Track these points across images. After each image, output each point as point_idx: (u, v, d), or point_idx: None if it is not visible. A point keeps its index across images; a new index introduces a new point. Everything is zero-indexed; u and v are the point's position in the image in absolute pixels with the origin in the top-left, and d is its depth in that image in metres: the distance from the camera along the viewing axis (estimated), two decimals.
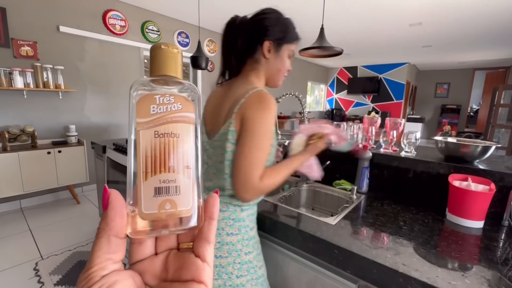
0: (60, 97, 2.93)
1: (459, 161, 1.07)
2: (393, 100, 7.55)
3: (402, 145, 1.20)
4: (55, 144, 2.78)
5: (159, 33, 3.74)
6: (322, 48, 1.68)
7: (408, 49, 5.65)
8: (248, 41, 0.78)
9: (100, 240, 0.18)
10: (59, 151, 2.69)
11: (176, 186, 0.20)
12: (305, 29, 4.40)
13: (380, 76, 7.69)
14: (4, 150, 2.43)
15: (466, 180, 0.95)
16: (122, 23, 3.33)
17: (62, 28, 2.85)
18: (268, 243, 0.96)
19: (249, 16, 0.80)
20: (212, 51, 4.65)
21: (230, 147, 0.72)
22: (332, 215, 0.96)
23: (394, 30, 4.31)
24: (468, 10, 3.32)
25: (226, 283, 0.74)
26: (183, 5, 3.41)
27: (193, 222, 0.20)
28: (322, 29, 1.78)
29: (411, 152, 1.18)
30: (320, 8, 3.29)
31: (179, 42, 4.07)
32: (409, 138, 1.19)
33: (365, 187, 1.18)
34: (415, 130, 1.20)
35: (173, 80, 0.21)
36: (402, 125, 1.23)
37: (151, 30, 3.65)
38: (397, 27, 4.12)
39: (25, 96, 2.68)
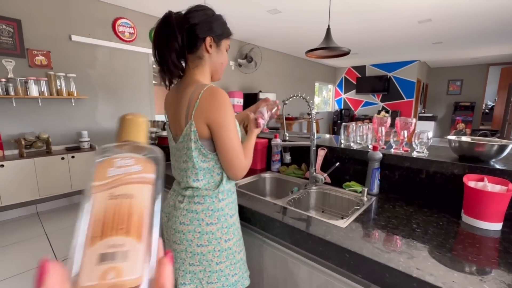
0: (73, 104, 3.02)
1: (474, 161, 1.03)
2: (404, 99, 7.40)
3: (414, 145, 1.17)
4: (69, 149, 2.86)
5: None
6: (329, 48, 1.67)
7: (417, 46, 5.53)
8: (189, 37, 0.77)
9: None
10: (73, 157, 2.77)
11: (124, 251, 0.17)
12: (311, 29, 4.40)
13: (390, 74, 7.56)
14: (21, 156, 2.52)
15: (482, 180, 0.92)
16: (131, 30, 3.41)
17: (74, 37, 2.94)
18: (278, 247, 0.95)
19: (183, 12, 0.79)
20: None
21: (193, 145, 0.78)
22: (342, 218, 0.94)
23: (402, 28, 4.24)
24: (479, 4, 3.22)
25: (206, 269, 0.82)
26: None
27: None
28: (328, 29, 1.76)
29: (423, 152, 1.15)
30: (326, 9, 3.27)
31: None
32: (421, 137, 1.15)
33: (375, 189, 1.16)
34: (427, 130, 1.17)
35: (136, 145, 0.21)
36: (413, 124, 1.20)
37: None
38: (406, 24, 4.04)
39: (40, 104, 2.78)
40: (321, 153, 1.37)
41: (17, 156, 2.54)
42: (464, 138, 1.10)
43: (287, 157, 1.30)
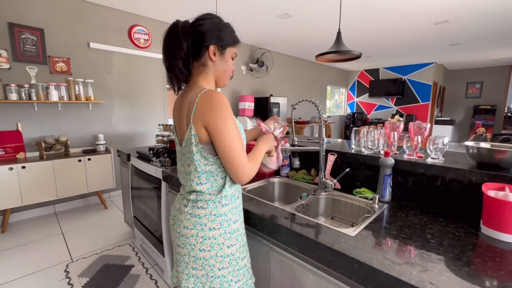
0: (90, 108, 3.13)
1: (494, 169, 0.98)
2: (419, 102, 7.19)
3: (428, 151, 1.13)
4: (86, 152, 2.97)
5: None
6: (339, 52, 1.65)
7: (434, 48, 5.37)
8: (194, 45, 0.80)
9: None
10: (89, 159, 2.86)
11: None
12: (323, 33, 4.37)
13: (404, 77, 7.37)
14: (41, 158, 2.63)
15: (503, 189, 0.87)
16: (146, 37, 3.51)
17: (92, 44, 3.07)
18: (285, 254, 0.94)
19: (190, 21, 0.81)
20: None
21: (195, 149, 0.79)
22: (352, 225, 0.91)
23: (417, 30, 4.13)
24: (499, 3, 3.09)
25: (208, 274, 0.82)
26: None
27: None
28: (339, 33, 1.74)
29: (438, 158, 1.10)
30: (337, 12, 3.24)
31: None
32: (436, 143, 1.11)
33: (387, 196, 1.12)
34: (443, 135, 1.12)
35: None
36: (427, 129, 1.16)
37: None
38: (421, 26, 3.94)
39: (60, 108, 2.90)
40: (331, 158, 1.34)
41: (38, 158, 2.66)
42: (483, 144, 1.05)
43: (296, 162, 1.29)
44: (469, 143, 1.05)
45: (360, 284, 0.71)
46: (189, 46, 0.79)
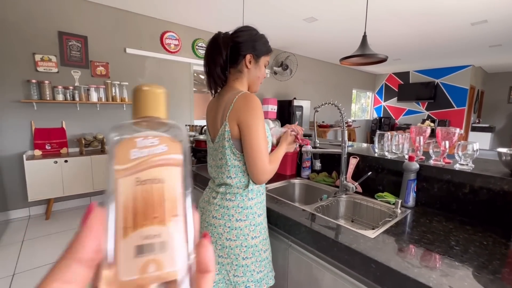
0: (124, 109, 3.38)
1: None
2: (453, 107, 6.74)
3: (457, 157, 1.09)
4: None
5: None
6: (364, 55, 1.63)
7: (471, 50, 5.03)
8: (232, 54, 0.89)
9: (57, 265, 0.15)
10: None
11: (161, 242, 0.16)
12: (349, 36, 4.30)
13: (437, 81, 6.97)
14: (81, 154, 2.89)
15: None
16: (176, 42, 3.71)
17: (128, 50, 3.31)
18: (303, 252, 0.96)
19: (230, 33, 0.91)
20: None
21: (227, 144, 0.86)
22: (373, 229, 0.92)
23: (452, 31, 3.91)
24: None
25: (233, 262, 0.88)
26: (228, 23, 3.66)
27: (186, 285, 0.16)
28: (364, 36, 1.73)
29: (467, 164, 1.06)
30: (362, 15, 3.19)
31: None
32: (466, 149, 1.07)
33: (411, 201, 1.10)
34: (474, 141, 1.08)
35: (157, 121, 0.19)
36: (456, 134, 1.12)
37: (201, 46, 3.98)
38: (456, 27, 3.73)
39: (98, 109, 3.17)
40: (353, 161, 1.34)
41: (78, 153, 2.92)
42: None
43: (317, 164, 1.31)
44: (502, 149, 1.00)
45: (378, 284, 0.72)
46: (227, 55, 0.88)
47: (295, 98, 5.03)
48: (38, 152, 2.75)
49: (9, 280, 1.78)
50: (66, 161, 2.73)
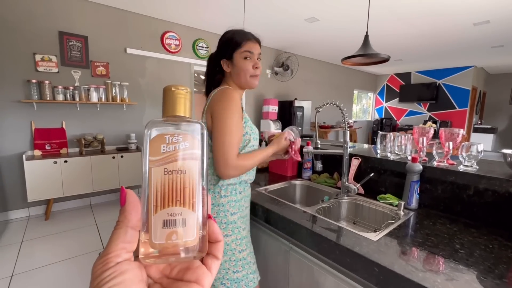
0: (124, 109, 3.37)
1: None
2: (455, 108, 6.71)
3: (461, 158, 1.07)
4: (119, 150, 3.19)
5: (208, 49, 4.05)
6: (366, 55, 1.62)
7: (473, 51, 5.01)
8: (215, 65, 0.98)
9: (118, 231, 0.21)
10: (122, 156, 3.07)
11: (182, 219, 0.22)
12: (350, 37, 4.29)
13: (439, 81, 6.94)
14: (81, 154, 2.88)
15: None
16: (177, 42, 3.71)
17: (129, 50, 3.31)
18: (304, 255, 0.94)
19: None
20: None
21: None
22: (375, 231, 0.90)
23: (454, 32, 3.89)
24: None
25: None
26: (229, 23, 3.65)
27: (198, 251, 0.22)
28: (366, 36, 1.71)
29: (471, 166, 1.04)
30: (364, 15, 3.17)
31: None
32: (470, 150, 1.05)
33: (414, 203, 1.08)
34: (478, 142, 1.06)
35: (182, 119, 0.24)
36: (459, 135, 1.10)
37: (201, 47, 3.98)
38: (458, 27, 3.71)
39: (98, 109, 3.16)
40: (355, 162, 1.32)
41: (78, 153, 2.91)
42: None
43: (319, 165, 1.29)
44: (507, 150, 0.98)
45: None
46: (215, 66, 0.98)
47: (296, 99, 5.02)
48: (38, 152, 2.74)
49: (8, 281, 1.76)
50: (66, 161, 2.72)
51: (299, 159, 1.04)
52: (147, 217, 0.22)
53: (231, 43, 0.93)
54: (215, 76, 1.00)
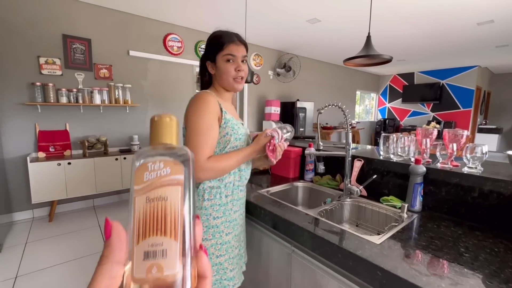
0: (127, 111, 3.39)
1: None
2: (459, 108, 6.65)
3: (465, 160, 1.06)
4: (122, 151, 3.20)
5: None
6: (369, 56, 1.61)
7: (477, 50, 4.96)
8: (203, 68, 0.99)
9: (102, 267, 0.20)
10: (124, 158, 3.09)
11: (162, 250, 0.20)
12: (352, 37, 4.27)
13: (442, 82, 6.89)
14: (84, 156, 2.90)
15: None
16: (179, 44, 3.72)
17: (131, 52, 3.33)
18: (307, 258, 0.94)
19: None
20: (258, 64, 4.82)
21: (183, 139, 0.91)
22: (378, 234, 0.89)
23: (458, 32, 3.86)
24: None
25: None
26: (231, 24, 3.66)
27: (184, 285, 0.20)
28: (368, 36, 1.70)
29: (476, 168, 1.03)
30: (366, 16, 3.16)
31: None
32: (475, 152, 1.04)
33: (417, 205, 1.07)
34: (482, 143, 1.05)
35: (165, 146, 0.23)
36: (464, 137, 1.09)
37: (203, 48, 3.98)
38: (462, 27, 3.68)
39: (101, 111, 3.18)
40: (357, 164, 1.31)
41: (81, 155, 2.93)
42: None
43: (321, 167, 1.28)
44: None
45: None
46: (203, 68, 0.99)
47: (298, 100, 5.01)
48: (42, 154, 2.77)
49: (12, 283, 1.77)
50: (69, 163, 2.74)
51: (273, 158, 0.92)
52: (132, 249, 0.21)
53: (214, 45, 0.92)
54: (204, 78, 1.01)
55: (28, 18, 2.68)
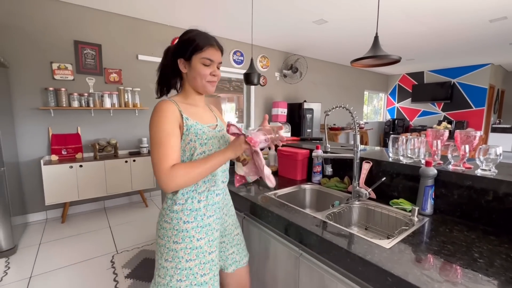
0: (136, 114, 3.45)
1: None
2: (472, 108, 6.48)
3: (478, 162, 1.03)
4: (131, 154, 3.26)
5: None
6: (376, 57, 1.59)
7: (490, 48, 4.83)
8: (171, 62, 0.94)
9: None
10: (134, 160, 3.14)
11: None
12: (360, 37, 4.23)
13: (454, 80, 6.73)
14: (95, 158, 2.96)
15: None
16: None
17: (140, 57, 3.39)
18: (315, 261, 0.93)
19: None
20: (265, 66, 4.83)
21: None
22: (388, 237, 0.87)
23: (470, 29, 3.77)
24: None
25: (158, 260, 0.93)
26: (237, 27, 3.68)
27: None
28: (376, 36, 1.68)
29: (490, 170, 1.00)
30: (374, 15, 3.12)
31: (234, 60, 4.37)
32: (488, 153, 1.01)
33: (429, 209, 1.05)
34: (496, 145, 1.01)
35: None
36: (476, 138, 1.06)
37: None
38: (474, 25, 3.59)
39: (111, 114, 3.25)
40: (366, 166, 1.30)
41: (92, 158, 3.00)
42: None
43: (328, 169, 1.27)
44: None
45: None
46: (171, 62, 0.95)
47: (305, 101, 4.98)
48: (54, 157, 2.84)
49: (26, 283, 1.82)
50: (81, 165, 2.81)
51: (257, 175, 0.95)
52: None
53: (192, 44, 0.89)
54: (171, 78, 0.97)
55: (41, 25, 2.77)
